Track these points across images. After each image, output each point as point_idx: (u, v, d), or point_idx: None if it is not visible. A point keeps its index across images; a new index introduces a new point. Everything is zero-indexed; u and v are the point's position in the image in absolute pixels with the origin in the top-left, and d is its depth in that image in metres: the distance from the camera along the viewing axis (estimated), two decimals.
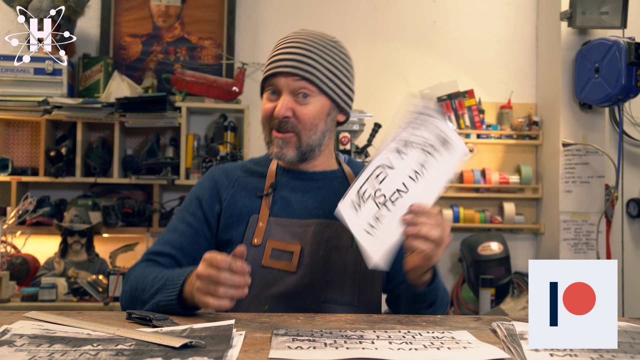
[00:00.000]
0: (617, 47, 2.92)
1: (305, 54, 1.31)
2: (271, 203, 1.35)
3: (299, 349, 0.85)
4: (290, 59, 1.30)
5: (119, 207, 3.11)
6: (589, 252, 3.21)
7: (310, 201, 1.36)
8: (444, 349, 0.87)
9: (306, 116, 1.31)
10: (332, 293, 1.29)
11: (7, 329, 0.93)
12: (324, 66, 1.31)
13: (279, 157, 1.33)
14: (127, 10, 3.38)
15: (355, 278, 1.30)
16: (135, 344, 0.87)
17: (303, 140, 1.32)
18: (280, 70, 1.30)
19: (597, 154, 3.22)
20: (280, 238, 1.31)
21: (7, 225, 2.87)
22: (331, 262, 1.30)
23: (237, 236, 1.34)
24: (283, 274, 1.29)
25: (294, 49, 1.31)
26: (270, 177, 1.40)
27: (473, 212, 3.38)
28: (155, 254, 1.35)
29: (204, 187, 1.41)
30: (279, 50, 1.33)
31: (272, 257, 1.30)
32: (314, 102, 1.31)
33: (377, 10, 3.52)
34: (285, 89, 1.30)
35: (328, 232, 1.32)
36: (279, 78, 1.30)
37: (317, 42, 1.33)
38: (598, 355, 0.85)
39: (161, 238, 1.38)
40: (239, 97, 3.21)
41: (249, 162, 1.47)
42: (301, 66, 1.29)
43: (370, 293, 1.33)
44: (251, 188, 1.39)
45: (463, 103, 3.39)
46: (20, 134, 3.26)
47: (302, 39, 1.33)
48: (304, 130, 1.31)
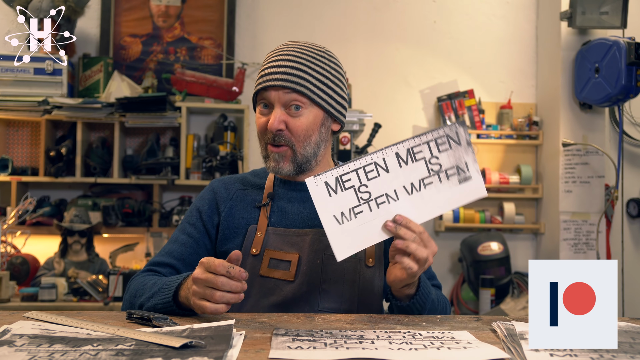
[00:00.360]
0: (617, 47, 2.92)
1: (295, 66, 1.31)
2: (269, 213, 1.37)
3: (299, 349, 0.85)
4: (280, 72, 1.30)
5: (119, 207, 3.11)
6: (589, 252, 3.21)
7: (306, 212, 1.37)
8: (444, 349, 0.87)
9: (299, 128, 1.31)
10: (329, 302, 1.29)
11: (7, 329, 0.93)
12: (315, 77, 1.31)
13: (276, 171, 1.34)
14: (127, 10, 3.38)
15: (353, 287, 1.30)
16: (135, 344, 0.87)
17: (298, 152, 1.33)
18: (270, 84, 1.30)
19: (597, 154, 3.22)
20: (278, 247, 1.33)
21: (7, 225, 2.87)
22: (329, 270, 1.30)
23: (235, 247, 1.35)
24: (281, 283, 1.30)
25: (283, 61, 1.31)
26: (268, 189, 1.41)
27: (473, 212, 3.38)
28: (156, 264, 1.37)
29: (204, 199, 1.44)
30: (269, 64, 1.33)
31: (270, 266, 1.31)
32: (307, 113, 1.31)
33: (377, 10, 3.52)
34: (277, 102, 1.30)
35: (325, 240, 1.29)
36: (270, 91, 1.30)
37: (306, 53, 1.33)
38: (598, 355, 0.85)
39: (162, 250, 1.41)
40: (239, 97, 3.21)
41: (249, 175, 1.48)
42: (291, 78, 1.30)
43: (369, 302, 1.32)
44: (249, 200, 1.41)
45: (463, 103, 3.39)
46: (20, 134, 3.26)
47: (290, 51, 1.33)
48: (297, 143, 1.32)
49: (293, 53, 1.33)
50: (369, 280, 1.32)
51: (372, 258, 1.33)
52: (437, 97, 3.44)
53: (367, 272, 1.32)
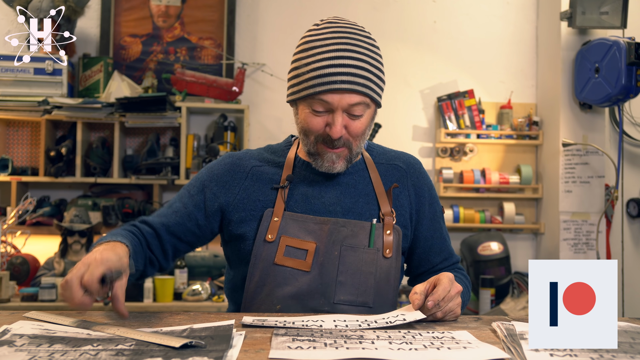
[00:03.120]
0: (617, 47, 2.91)
1: (358, 65, 1.21)
2: (287, 196, 1.31)
3: (299, 349, 0.85)
4: (345, 72, 1.20)
5: (119, 207, 3.11)
6: (589, 252, 3.21)
7: (328, 196, 1.32)
8: (444, 349, 0.87)
9: (359, 130, 1.26)
10: (346, 294, 1.26)
11: (7, 329, 0.93)
12: (374, 73, 1.24)
13: (329, 169, 1.29)
14: (127, 10, 3.38)
15: (370, 279, 1.27)
16: (135, 343, 0.87)
17: (353, 151, 1.29)
18: (336, 87, 1.19)
19: (597, 154, 3.22)
20: (295, 235, 1.27)
21: (7, 225, 2.87)
22: (346, 262, 1.27)
23: (251, 231, 1.29)
24: (296, 272, 1.26)
25: (344, 59, 1.20)
26: (287, 168, 1.34)
27: (473, 212, 3.38)
28: (143, 221, 1.33)
29: (212, 172, 1.35)
30: (328, 60, 1.20)
31: (286, 254, 1.26)
32: (367, 114, 1.26)
33: (377, 10, 3.52)
34: (339, 107, 1.22)
35: (344, 231, 1.28)
36: (330, 95, 1.20)
37: (360, 43, 1.23)
38: (598, 355, 0.85)
39: (159, 209, 1.37)
40: (239, 97, 3.21)
41: (265, 151, 1.40)
42: (359, 80, 1.21)
43: (385, 293, 1.29)
44: (266, 179, 1.33)
45: (463, 103, 3.38)
46: (20, 134, 3.26)
47: (347, 42, 1.22)
48: (355, 142, 1.27)
49: (350, 43, 1.22)
50: (386, 271, 1.29)
51: (389, 249, 1.29)
52: (437, 97, 3.44)
53: (384, 263, 1.29)
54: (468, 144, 3.40)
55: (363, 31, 1.28)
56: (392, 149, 1.46)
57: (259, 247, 1.27)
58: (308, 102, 1.24)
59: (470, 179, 3.36)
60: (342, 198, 1.33)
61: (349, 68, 1.20)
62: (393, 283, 1.31)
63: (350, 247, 1.28)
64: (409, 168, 1.41)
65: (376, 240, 1.29)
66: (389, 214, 1.31)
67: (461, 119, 3.38)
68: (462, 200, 3.46)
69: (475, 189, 3.40)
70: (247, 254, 1.29)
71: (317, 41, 1.23)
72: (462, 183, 3.38)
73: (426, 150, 3.49)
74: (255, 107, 3.38)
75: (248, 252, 1.28)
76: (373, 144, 1.46)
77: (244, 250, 1.30)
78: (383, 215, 1.31)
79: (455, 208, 3.38)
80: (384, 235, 1.30)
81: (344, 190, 1.34)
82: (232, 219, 1.32)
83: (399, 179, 1.38)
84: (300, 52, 1.26)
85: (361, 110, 1.24)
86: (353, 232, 1.28)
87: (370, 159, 1.39)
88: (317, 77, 1.20)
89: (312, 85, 1.21)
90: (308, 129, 1.26)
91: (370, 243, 1.28)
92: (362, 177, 1.36)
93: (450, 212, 3.36)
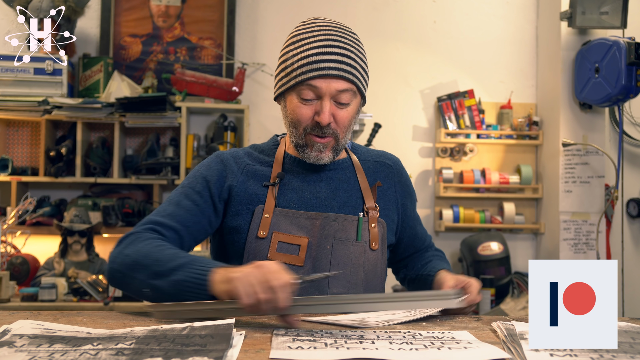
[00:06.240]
0: (617, 47, 2.91)
1: (345, 53, 1.23)
2: (278, 193, 1.32)
3: (300, 349, 0.84)
4: (333, 59, 1.22)
5: (119, 207, 3.11)
6: (589, 252, 3.21)
7: (323, 191, 1.34)
8: (444, 349, 0.87)
9: (346, 119, 1.28)
10: (339, 287, 1.28)
11: (7, 329, 0.93)
12: (360, 65, 1.26)
13: (317, 160, 1.31)
14: (127, 10, 3.37)
15: (359, 271, 1.31)
16: (135, 342, 0.86)
17: (340, 142, 1.30)
18: (323, 72, 1.21)
19: (597, 154, 3.22)
20: (287, 230, 1.28)
21: (7, 225, 2.87)
22: (338, 256, 1.29)
23: (245, 225, 1.30)
24: (290, 268, 1.24)
25: (332, 47, 1.23)
26: (277, 165, 1.35)
27: (473, 212, 3.38)
28: (159, 224, 1.25)
29: (211, 168, 1.34)
30: (315, 49, 1.23)
31: (278, 250, 1.27)
32: (353, 103, 1.28)
33: (376, 10, 3.52)
34: (327, 93, 1.24)
35: (335, 225, 1.31)
36: (320, 81, 1.22)
37: (346, 36, 1.26)
38: (598, 355, 0.85)
39: (162, 210, 1.29)
40: (239, 97, 3.21)
41: (252, 150, 1.41)
42: (346, 67, 1.23)
43: (374, 285, 1.33)
44: (260, 176, 1.34)
45: (463, 103, 3.38)
46: (20, 134, 3.26)
47: (333, 33, 1.25)
48: (341, 133, 1.29)
49: (338, 37, 1.25)
50: (373, 263, 1.33)
51: (375, 242, 1.33)
52: (437, 97, 3.44)
53: (372, 255, 1.33)
54: (468, 144, 3.40)
55: (349, 28, 1.32)
56: (373, 149, 1.53)
57: (251, 244, 1.28)
58: (297, 91, 1.26)
59: (470, 179, 3.36)
60: (336, 192, 1.36)
61: (336, 56, 1.23)
62: (380, 274, 1.36)
63: (341, 241, 1.31)
64: (395, 165, 1.47)
65: (363, 233, 1.33)
66: (373, 209, 1.35)
67: (461, 119, 3.38)
68: (462, 200, 3.46)
69: (475, 189, 3.40)
70: (240, 248, 1.30)
71: (305, 34, 1.28)
72: (462, 183, 3.38)
73: (426, 150, 3.49)
74: (255, 107, 3.38)
75: (242, 246, 1.30)
76: (356, 144, 1.51)
77: (238, 243, 1.31)
78: (367, 209, 1.35)
79: (455, 208, 3.38)
80: (370, 229, 1.33)
81: (337, 185, 1.37)
82: (229, 210, 1.33)
83: (388, 175, 1.44)
84: (288, 46, 1.29)
85: (348, 98, 1.26)
86: (343, 226, 1.31)
87: (356, 158, 1.44)
88: (306, 64, 1.23)
89: (301, 73, 1.24)
90: (297, 119, 1.28)
91: (358, 236, 1.32)
92: (351, 172, 1.40)
93: (450, 212, 3.36)
